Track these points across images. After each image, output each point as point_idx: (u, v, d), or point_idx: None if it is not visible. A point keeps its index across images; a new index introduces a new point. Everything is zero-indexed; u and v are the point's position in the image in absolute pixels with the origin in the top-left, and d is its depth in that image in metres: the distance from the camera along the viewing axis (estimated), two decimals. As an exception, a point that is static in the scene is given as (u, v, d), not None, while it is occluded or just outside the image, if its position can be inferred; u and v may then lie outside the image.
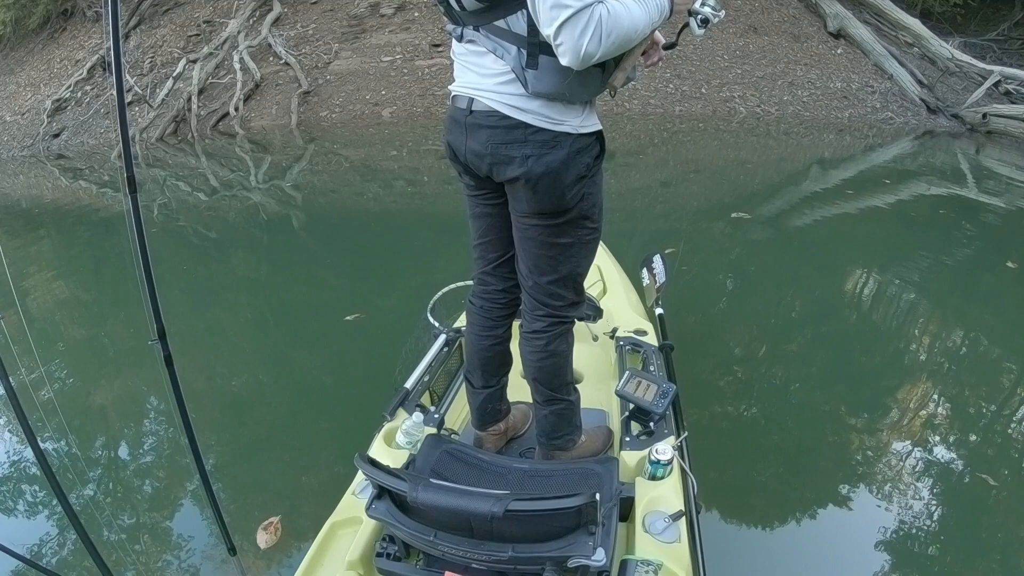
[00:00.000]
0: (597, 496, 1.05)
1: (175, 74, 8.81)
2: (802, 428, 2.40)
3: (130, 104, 8.64)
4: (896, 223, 4.76)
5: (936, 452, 2.26)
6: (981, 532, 1.94)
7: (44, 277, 4.40)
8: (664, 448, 1.39)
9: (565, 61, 1.06)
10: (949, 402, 2.58)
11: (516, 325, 1.57)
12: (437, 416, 1.67)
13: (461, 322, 2.02)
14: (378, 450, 1.52)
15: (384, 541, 1.27)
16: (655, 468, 1.38)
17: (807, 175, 6.10)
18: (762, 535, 1.92)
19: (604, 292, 2.37)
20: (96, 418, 2.67)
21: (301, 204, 5.74)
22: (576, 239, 1.35)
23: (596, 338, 2.12)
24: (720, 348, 2.92)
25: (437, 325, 2.04)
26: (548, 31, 1.04)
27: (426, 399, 1.77)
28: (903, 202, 5.23)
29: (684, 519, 1.27)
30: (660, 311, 2.17)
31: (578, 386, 1.63)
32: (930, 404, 2.58)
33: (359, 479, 1.44)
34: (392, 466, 1.24)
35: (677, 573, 1.16)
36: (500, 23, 1.14)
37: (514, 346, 1.61)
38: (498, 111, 1.20)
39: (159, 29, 9.96)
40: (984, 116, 7.45)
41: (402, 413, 1.62)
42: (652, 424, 1.52)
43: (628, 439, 1.52)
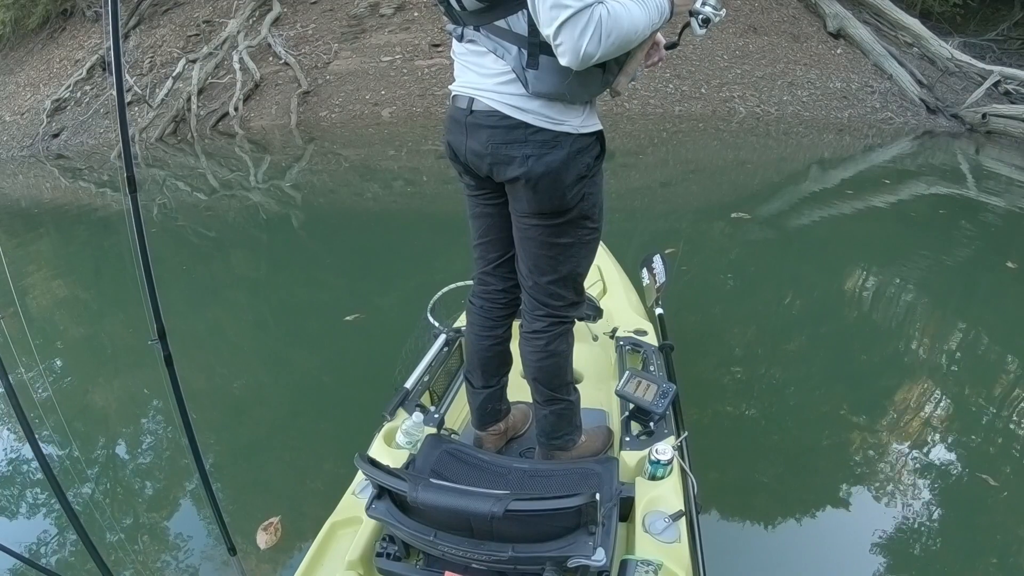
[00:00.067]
0: (597, 496, 1.05)
1: (175, 74, 8.81)
2: (802, 428, 2.40)
3: (129, 104, 8.64)
4: (896, 223, 4.76)
5: (936, 452, 2.26)
6: (981, 532, 1.94)
7: (44, 277, 4.40)
8: (664, 448, 1.39)
9: (564, 61, 1.06)
10: (949, 402, 2.58)
11: (516, 325, 1.57)
12: (437, 416, 1.67)
13: (461, 322, 2.02)
14: (378, 450, 1.52)
15: (384, 541, 1.27)
16: (655, 468, 1.39)
17: (807, 175, 6.11)
18: (762, 535, 1.92)
19: (604, 292, 2.37)
20: (96, 418, 2.67)
21: (300, 204, 5.73)
22: (576, 239, 1.35)
23: (596, 338, 2.13)
24: (720, 348, 2.92)
25: (437, 325, 2.04)
26: (548, 31, 1.04)
27: (426, 399, 1.77)
28: (903, 202, 5.23)
29: (684, 519, 1.27)
30: (660, 311, 2.17)
31: (578, 386, 1.63)
32: (930, 404, 2.58)
33: (359, 479, 1.44)
34: (392, 466, 1.24)
35: (677, 573, 1.16)
36: (500, 23, 1.14)
37: (514, 346, 1.61)
38: (498, 111, 1.20)
39: (158, 29, 9.95)
40: (984, 116, 7.45)
41: (402, 413, 1.62)
42: (652, 424, 1.52)
43: (628, 439, 1.53)
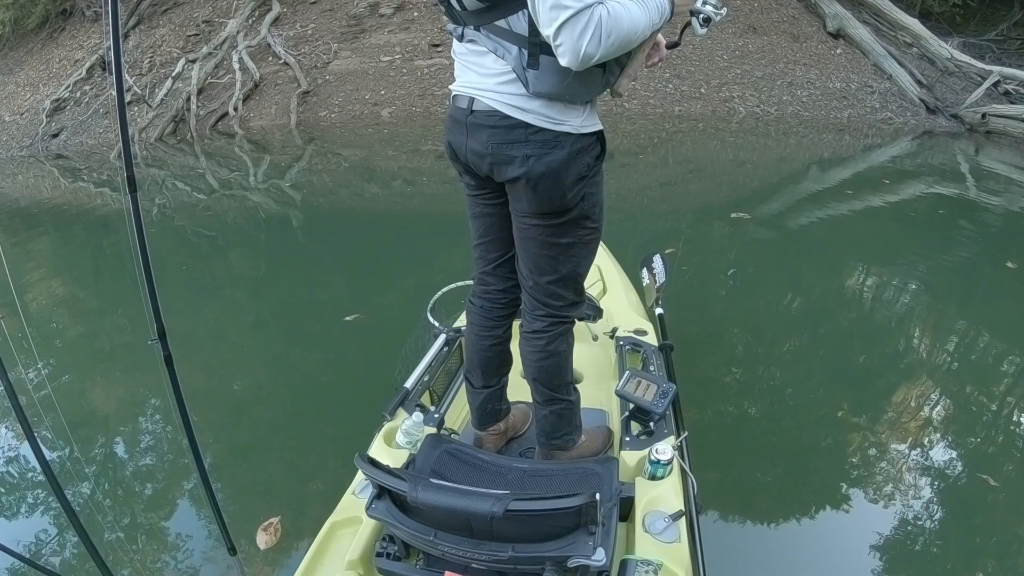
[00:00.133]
0: (597, 496, 1.05)
1: (174, 74, 8.81)
2: (802, 428, 2.40)
3: (129, 104, 8.63)
4: (895, 223, 4.76)
5: (936, 452, 2.26)
6: (981, 532, 1.94)
7: (43, 277, 4.40)
8: (664, 448, 1.39)
9: (564, 62, 1.06)
10: (949, 402, 2.58)
11: (516, 325, 1.57)
12: (437, 416, 1.67)
13: (461, 322, 2.02)
14: (378, 450, 1.52)
15: (384, 541, 1.27)
16: (655, 468, 1.39)
17: (806, 175, 6.11)
18: (762, 535, 1.92)
19: (604, 292, 2.37)
20: (96, 418, 2.67)
21: (300, 204, 5.73)
22: (576, 239, 1.35)
23: (596, 338, 2.13)
24: (720, 348, 2.92)
25: (437, 325, 2.04)
26: (548, 31, 1.04)
27: (426, 399, 1.77)
28: (902, 202, 5.23)
29: (684, 519, 1.27)
30: (660, 311, 2.17)
31: (578, 386, 1.64)
32: (930, 404, 2.58)
33: (359, 479, 1.44)
34: (392, 466, 1.24)
35: (677, 573, 1.16)
36: (501, 23, 1.14)
37: (514, 346, 1.61)
38: (499, 111, 1.20)
39: (158, 29, 9.95)
40: (983, 116, 7.45)
41: (402, 413, 1.62)
42: (652, 424, 1.52)
43: (628, 439, 1.53)
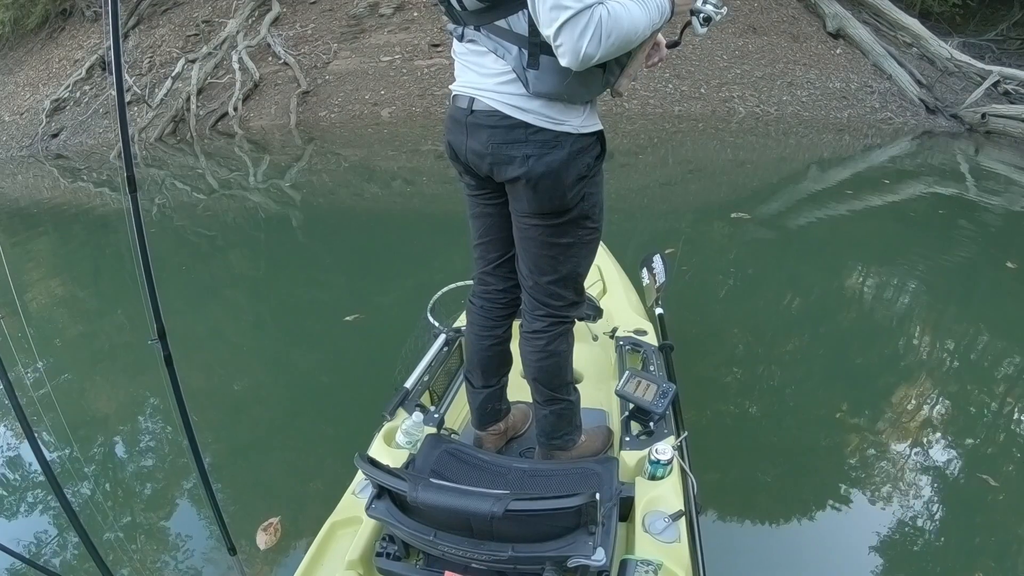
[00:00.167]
0: (597, 496, 1.05)
1: (174, 74, 8.81)
2: (802, 428, 2.40)
3: (129, 104, 8.63)
4: (895, 223, 4.76)
5: (936, 452, 2.26)
6: (981, 532, 1.94)
7: (43, 277, 4.40)
8: (664, 448, 1.39)
9: (565, 62, 1.06)
10: (949, 402, 2.58)
11: (516, 325, 1.57)
12: (437, 416, 1.67)
13: (461, 322, 2.02)
14: (378, 450, 1.52)
15: (384, 541, 1.27)
16: (655, 468, 1.39)
17: (806, 175, 6.11)
18: (762, 535, 1.92)
19: (604, 292, 2.37)
20: (96, 418, 2.67)
21: (300, 204, 5.73)
22: (576, 239, 1.35)
23: (596, 338, 2.13)
24: (720, 348, 2.92)
25: (437, 325, 2.04)
26: (548, 32, 1.04)
27: (426, 399, 1.77)
28: (902, 202, 5.24)
29: (684, 519, 1.27)
30: (660, 311, 2.17)
31: (578, 386, 1.64)
32: (930, 404, 2.58)
33: (359, 479, 1.44)
34: (392, 466, 1.24)
35: (677, 573, 1.16)
36: (501, 23, 1.14)
37: (514, 346, 1.61)
38: (499, 111, 1.20)
39: (158, 29, 9.95)
40: (983, 116, 7.45)
41: (402, 413, 1.62)
42: (652, 424, 1.52)
43: (628, 439, 1.53)
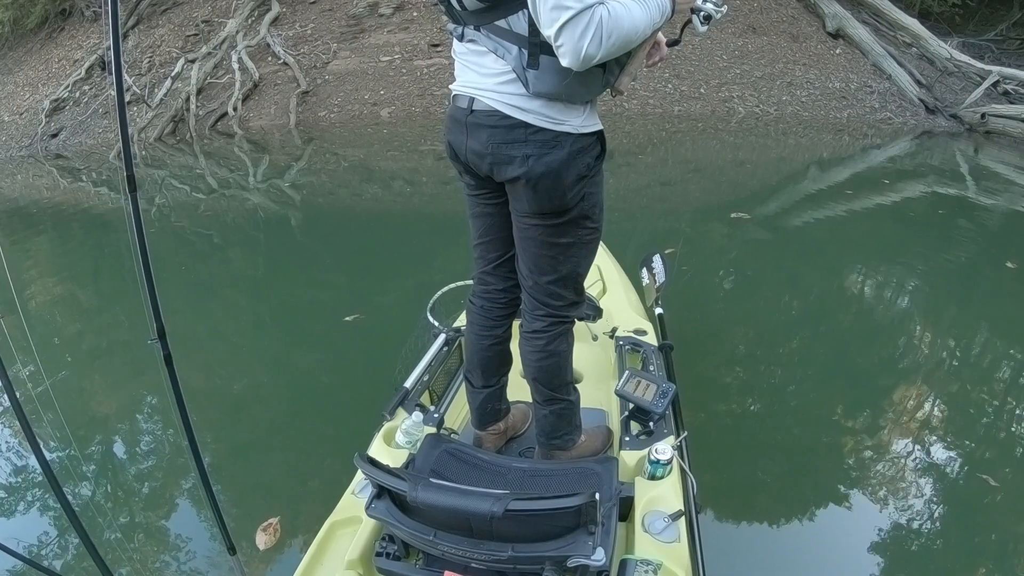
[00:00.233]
0: (596, 496, 1.05)
1: (173, 74, 8.81)
2: (802, 428, 2.40)
3: (128, 104, 8.63)
4: (895, 223, 4.76)
5: (936, 452, 2.26)
6: (981, 532, 1.94)
7: (42, 277, 4.40)
8: (663, 448, 1.39)
9: (566, 62, 1.06)
10: (949, 402, 2.58)
11: (516, 325, 1.57)
12: (437, 415, 1.67)
13: (461, 321, 2.02)
14: (378, 449, 1.52)
15: (384, 540, 1.27)
16: (654, 468, 1.39)
17: (806, 175, 6.11)
18: (762, 535, 1.92)
19: (604, 292, 2.37)
20: (96, 418, 2.66)
21: (299, 204, 5.73)
22: (576, 239, 1.35)
23: (596, 338, 2.13)
24: (720, 348, 2.92)
25: (437, 324, 2.04)
26: (549, 32, 1.04)
27: (426, 399, 1.77)
28: (902, 202, 5.24)
29: (683, 519, 1.27)
30: (660, 311, 2.17)
31: (578, 386, 1.63)
32: (930, 404, 2.58)
33: (359, 478, 1.44)
34: (392, 465, 1.24)
35: (676, 573, 1.16)
36: (501, 23, 1.14)
37: (514, 346, 1.61)
38: (499, 111, 1.20)
39: (157, 29, 9.95)
40: (982, 116, 7.46)
41: (402, 412, 1.62)
42: (652, 424, 1.52)
43: (628, 439, 1.53)
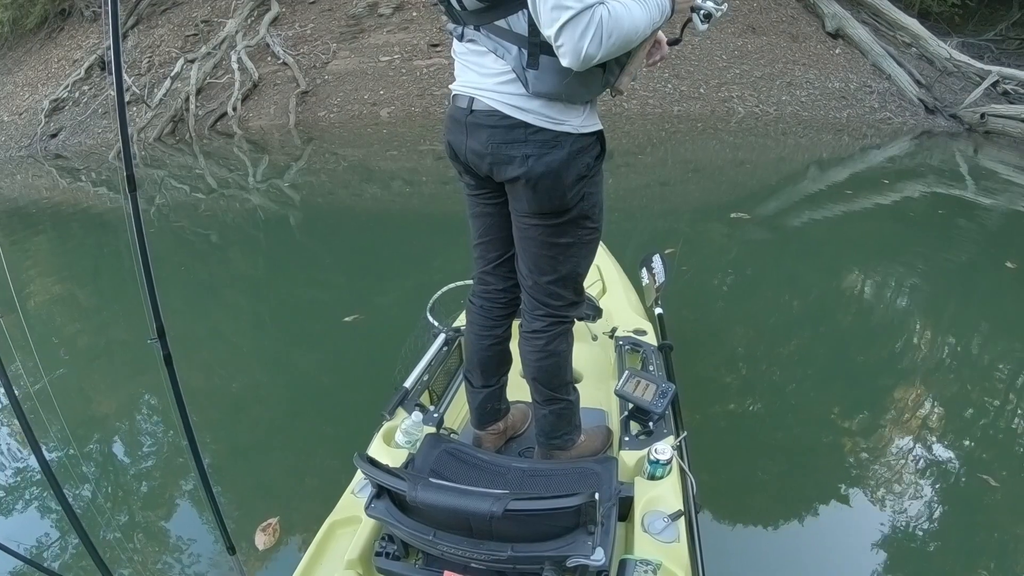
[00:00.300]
0: (596, 496, 1.05)
1: (173, 74, 8.80)
2: (802, 428, 2.40)
3: (128, 104, 8.62)
4: (894, 223, 4.77)
5: (936, 452, 2.26)
6: (981, 533, 1.94)
7: (42, 277, 4.40)
8: (663, 448, 1.39)
9: (566, 62, 1.06)
10: (949, 402, 2.58)
11: (516, 325, 1.57)
12: (436, 415, 1.67)
13: (460, 321, 2.02)
14: (377, 449, 1.52)
15: (383, 540, 1.27)
16: (654, 468, 1.39)
17: (805, 175, 6.11)
18: (761, 535, 1.92)
19: (603, 292, 2.37)
20: (95, 417, 2.66)
21: (299, 204, 5.73)
22: (576, 239, 1.35)
23: (595, 338, 2.13)
24: (719, 348, 2.92)
25: (436, 324, 2.04)
26: (549, 32, 1.04)
27: (425, 398, 1.77)
28: (901, 202, 5.24)
29: (683, 519, 1.27)
30: (659, 311, 2.17)
31: (577, 386, 1.64)
32: (930, 404, 2.58)
33: (358, 478, 1.44)
34: (391, 465, 1.24)
35: (676, 573, 1.16)
36: (501, 23, 1.14)
37: (514, 346, 1.61)
38: (499, 111, 1.20)
39: (157, 29, 9.94)
40: (982, 116, 7.46)
41: (401, 412, 1.62)
42: (651, 424, 1.52)
43: (627, 439, 1.53)
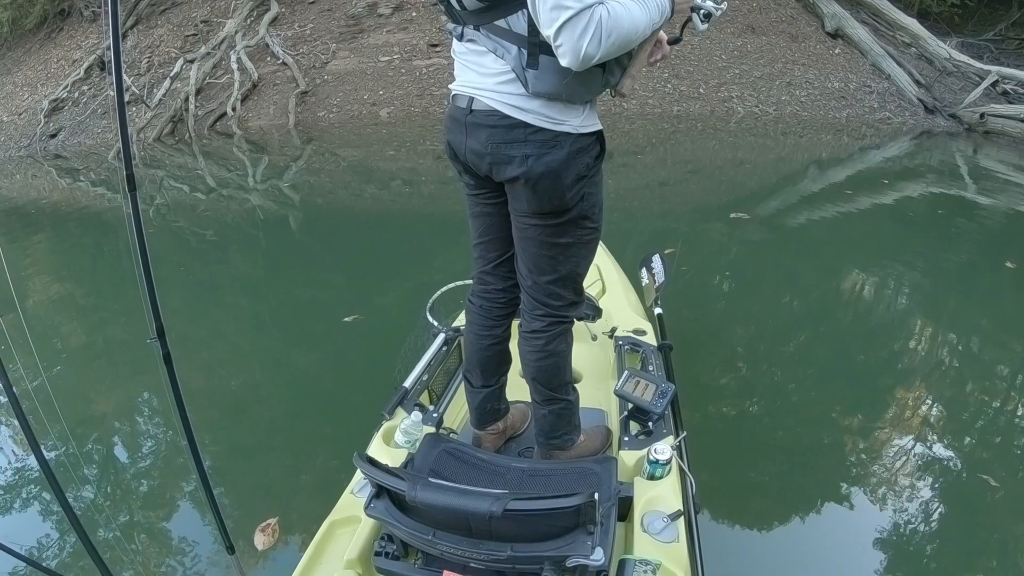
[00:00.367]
0: (595, 496, 1.05)
1: (172, 74, 8.80)
2: (801, 428, 2.40)
3: (127, 104, 8.61)
4: (894, 223, 4.77)
5: (936, 452, 2.26)
6: (981, 532, 1.94)
7: (41, 277, 4.39)
8: (663, 448, 1.39)
9: (565, 62, 1.06)
10: (949, 402, 2.58)
11: (516, 325, 1.57)
12: (436, 415, 1.67)
13: (460, 321, 2.02)
14: (377, 449, 1.52)
15: (383, 540, 1.26)
16: (654, 468, 1.38)
17: (805, 175, 6.11)
18: (761, 535, 1.92)
19: (603, 292, 2.37)
20: (95, 418, 2.66)
21: (299, 204, 5.73)
22: (576, 239, 1.35)
23: (595, 338, 2.12)
24: (719, 348, 2.92)
25: (436, 324, 2.04)
26: (548, 32, 1.04)
27: (425, 398, 1.77)
28: (901, 202, 5.24)
29: (682, 519, 1.27)
30: (659, 311, 2.17)
31: (577, 386, 1.63)
32: (929, 404, 2.58)
33: (358, 478, 1.44)
34: (391, 465, 1.24)
35: (675, 573, 1.16)
36: (500, 23, 1.14)
37: (513, 345, 1.61)
38: (498, 110, 1.20)
39: (156, 29, 9.94)
40: (981, 116, 7.46)
41: (401, 412, 1.62)
42: (651, 424, 1.52)
43: (627, 439, 1.53)
